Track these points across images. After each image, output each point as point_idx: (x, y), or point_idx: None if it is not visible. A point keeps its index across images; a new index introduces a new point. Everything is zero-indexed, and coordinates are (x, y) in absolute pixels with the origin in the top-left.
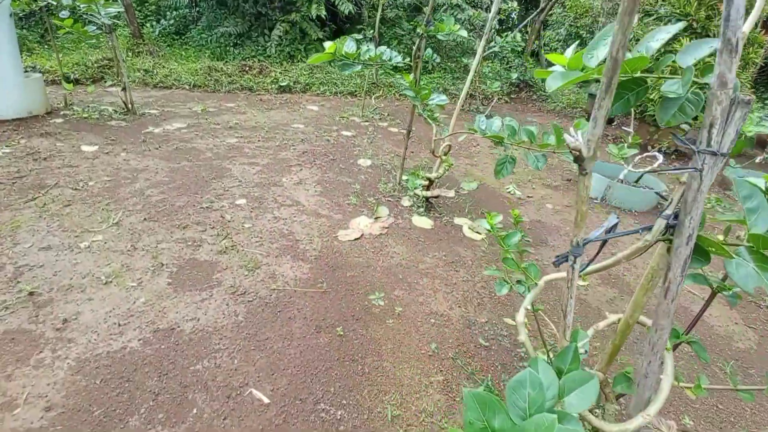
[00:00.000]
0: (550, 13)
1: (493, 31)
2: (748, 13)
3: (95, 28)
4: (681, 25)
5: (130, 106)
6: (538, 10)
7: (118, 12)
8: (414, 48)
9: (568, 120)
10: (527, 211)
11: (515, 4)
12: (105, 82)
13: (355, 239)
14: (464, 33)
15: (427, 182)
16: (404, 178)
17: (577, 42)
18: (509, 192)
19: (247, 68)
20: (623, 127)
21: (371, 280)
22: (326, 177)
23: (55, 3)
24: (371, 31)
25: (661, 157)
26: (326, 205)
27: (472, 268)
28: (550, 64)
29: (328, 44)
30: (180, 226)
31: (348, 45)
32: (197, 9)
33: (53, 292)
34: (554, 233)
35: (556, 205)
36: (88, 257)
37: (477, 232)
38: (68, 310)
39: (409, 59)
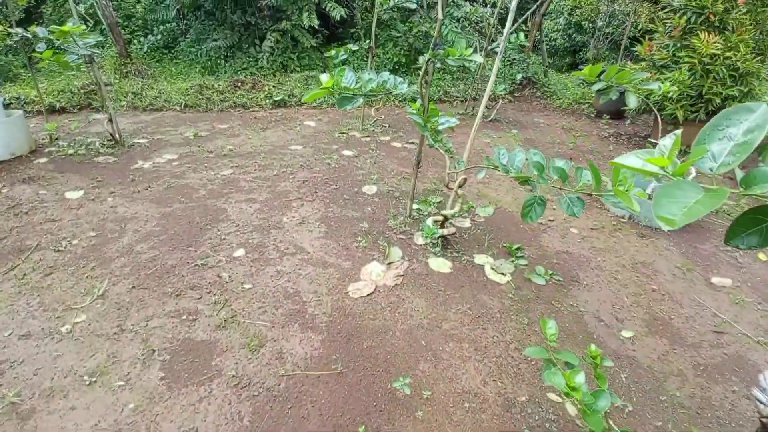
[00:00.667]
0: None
1: (494, 28)
2: None
3: (75, 57)
4: None
5: (117, 137)
6: (538, 3)
7: (97, 41)
8: (421, 72)
9: (576, 117)
10: (551, 240)
11: None
12: (93, 112)
13: (368, 294)
14: (478, 58)
15: (442, 219)
16: (415, 207)
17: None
18: None
19: (240, 83)
20: (650, 139)
21: (391, 350)
22: (330, 212)
23: (31, 36)
24: (367, 41)
25: (693, 171)
26: (333, 249)
27: (501, 323)
28: (552, 54)
29: (324, 77)
30: (173, 293)
31: (347, 77)
32: (185, 22)
33: (35, 398)
34: (585, 267)
35: (582, 230)
36: (70, 347)
37: (501, 273)
38: (51, 425)
39: (411, 81)
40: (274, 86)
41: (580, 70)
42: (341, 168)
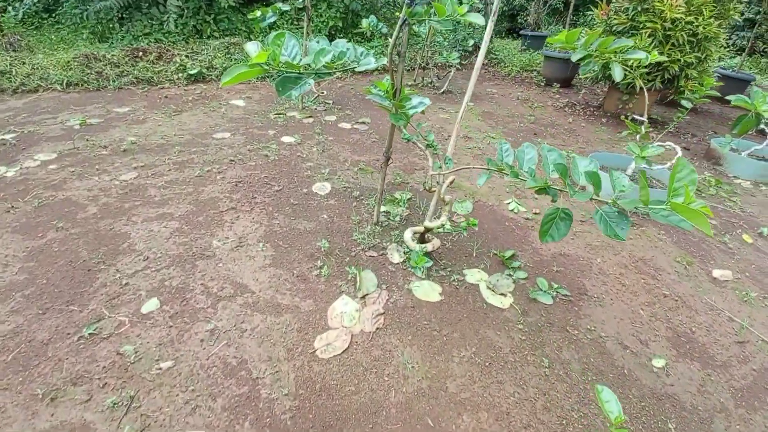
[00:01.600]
0: None
1: None
2: None
3: None
4: None
5: None
6: None
7: None
8: (391, 41)
9: (527, 86)
10: None
11: None
12: None
13: (343, 351)
14: (479, 19)
15: (422, 230)
16: (382, 209)
17: None
18: (512, 210)
19: (141, 53)
20: (634, 116)
21: None
22: (276, 225)
23: None
24: (300, 0)
25: (679, 150)
26: (286, 283)
27: (518, 369)
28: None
29: (252, 47)
30: (46, 395)
31: (288, 47)
32: None
33: None
34: (587, 272)
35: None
36: None
37: (501, 294)
38: None
39: (376, 52)
40: (187, 56)
41: (521, 35)
42: (283, 160)
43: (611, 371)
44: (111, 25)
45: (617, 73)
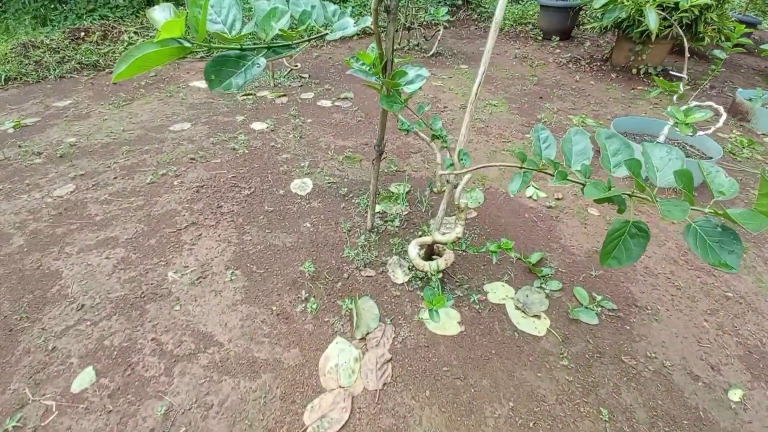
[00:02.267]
0: None
1: None
2: None
3: None
4: None
5: None
6: None
7: None
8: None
9: (523, 42)
10: (573, 233)
11: None
12: None
13: (343, 426)
14: None
15: (430, 241)
16: (378, 210)
17: None
18: (530, 197)
19: (83, 34)
20: (672, 72)
21: None
22: (247, 243)
23: None
24: None
25: (724, 112)
26: (263, 326)
27: (571, 428)
28: None
29: (159, 14)
30: None
31: (222, 9)
32: None
33: None
34: (632, 273)
35: (602, 209)
36: None
37: (534, 316)
38: None
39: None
40: (136, 32)
41: None
42: (254, 153)
43: (685, 416)
44: (52, 6)
45: (652, 20)
